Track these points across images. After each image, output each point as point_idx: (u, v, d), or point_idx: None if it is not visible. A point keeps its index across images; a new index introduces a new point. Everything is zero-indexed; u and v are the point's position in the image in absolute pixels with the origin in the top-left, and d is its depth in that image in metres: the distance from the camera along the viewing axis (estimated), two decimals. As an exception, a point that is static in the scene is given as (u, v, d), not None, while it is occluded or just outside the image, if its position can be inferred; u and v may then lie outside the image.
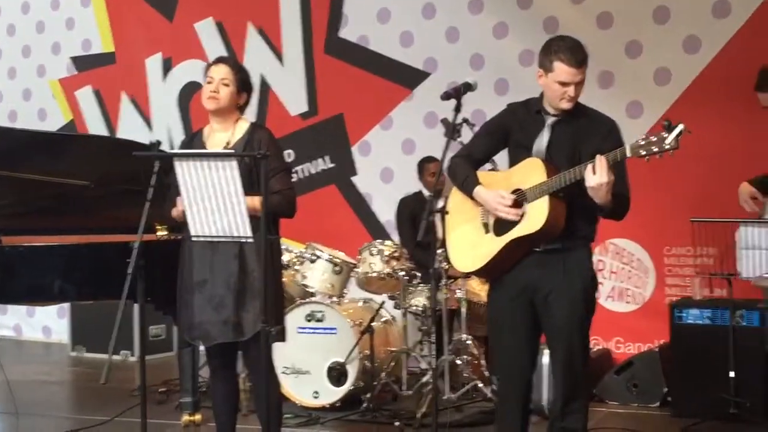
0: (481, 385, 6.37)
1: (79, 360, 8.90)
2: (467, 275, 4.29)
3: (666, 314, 6.46)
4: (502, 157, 4.59)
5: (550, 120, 4.35)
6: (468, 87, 4.34)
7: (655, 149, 4.03)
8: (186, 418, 6.14)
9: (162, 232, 5.82)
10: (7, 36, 10.21)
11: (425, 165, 7.28)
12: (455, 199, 4.54)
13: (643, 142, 4.05)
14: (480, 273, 4.53)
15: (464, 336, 6.72)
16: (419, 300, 6.71)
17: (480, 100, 4.56)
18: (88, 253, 5.89)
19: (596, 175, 4.05)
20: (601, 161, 4.05)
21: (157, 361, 8.20)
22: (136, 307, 6.31)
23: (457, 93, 4.31)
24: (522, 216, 4.26)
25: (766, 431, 5.88)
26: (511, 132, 4.41)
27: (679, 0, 7.16)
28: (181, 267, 4.73)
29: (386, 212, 8.13)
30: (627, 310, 7.44)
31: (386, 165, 8.30)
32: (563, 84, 4.25)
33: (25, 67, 10.12)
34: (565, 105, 4.29)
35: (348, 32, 8.52)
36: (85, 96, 9.83)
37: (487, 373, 6.53)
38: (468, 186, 4.41)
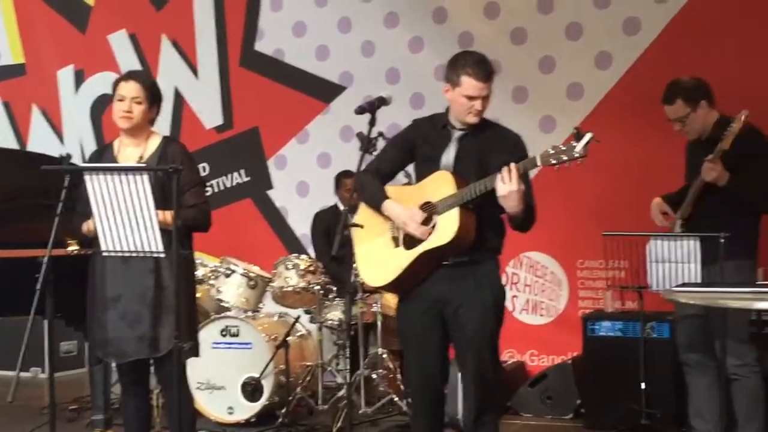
0: (396, 399, 6.38)
1: (-13, 377, 8.69)
2: (377, 290, 4.31)
3: (579, 326, 6.53)
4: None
5: (456, 134, 4.41)
6: (382, 101, 4.36)
7: (565, 157, 4.09)
8: (97, 435, 6.07)
9: (73, 247, 5.74)
10: None
11: (342, 180, 7.28)
12: (363, 214, 4.55)
13: (552, 151, 4.11)
14: (391, 287, 4.53)
15: (380, 350, 6.72)
16: (335, 314, 6.70)
17: (396, 114, 4.59)
18: (-4, 268, 5.78)
19: (507, 184, 4.11)
20: (512, 170, 4.11)
21: (68, 377, 8.05)
22: (45, 323, 6.22)
23: (371, 107, 4.34)
24: (432, 228, 4.29)
25: (676, 441, 5.98)
26: (416, 146, 4.46)
27: (591, 17, 7.26)
28: (91, 282, 4.66)
29: (302, 226, 8.10)
30: (541, 322, 7.51)
31: (302, 179, 8.27)
32: (470, 98, 4.30)
33: (-68, 78, 9.92)
34: (472, 119, 4.35)
35: (263, 45, 8.49)
36: (-5, 108, 9.66)
37: (402, 387, 6.54)
38: (376, 201, 4.43)
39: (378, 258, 4.41)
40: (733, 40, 6.73)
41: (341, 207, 7.18)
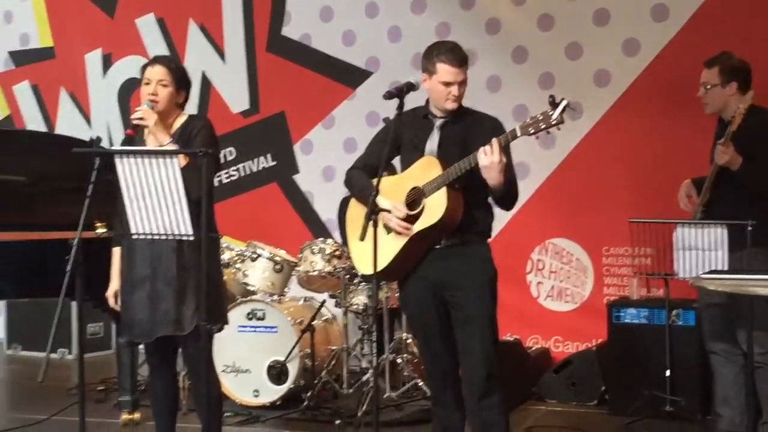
0: (421, 383, 6.39)
1: (15, 358, 8.78)
2: (371, 278, 4.42)
3: (604, 313, 6.53)
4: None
5: (438, 122, 4.53)
6: (411, 86, 4.39)
7: (543, 126, 4.20)
8: (125, 416, 6.12)
9: (102, 230, 5.78)
10: (-57, 29, 10.04)
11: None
12: (354, 209, 4.73)
13: (530, 121, 4.23)
14: (385, 274, 4.59)
15: (404, 335, 6.75)
16: (360, 299, 6.72)
17: (422, 99, 4.59)
18: (26, 250, 5.84)
19: (489, 156, 4.22)
20: (493, 141, 4.23)
21: (95, 359, 8.12)
22: (74, 305, 6.29)
23: (399, 92, 4.37)
24: (421, 211, 4.39)
25: (700, 429, 5.97)
26: (400, 137, 4.54)
27: (619, 3, 7.23)
28: (120, 265, 4.69)
29: (327, 211, 8.12)
30: (566, 309, 7.50)
31: (328, 163, 8.28)
32: (447, 84, 4.43)
33: (-39, 61, 9.98)
34: (450, 105, 4.47)
35: (290, 30, 8.49)
36: (23, 91, 9.70)
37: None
38: (365, 195, 4.50)
39: (370, 247, 4.44)
40: (763, 23, 6.69)
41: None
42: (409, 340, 6.71)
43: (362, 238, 4.33)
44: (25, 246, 5.85)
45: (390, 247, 4.45)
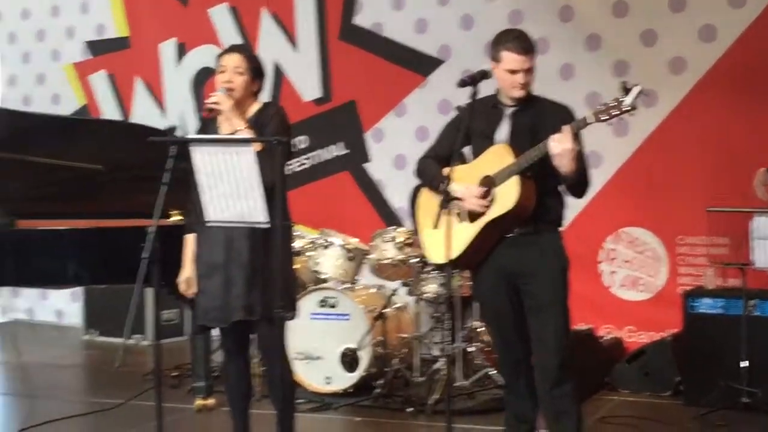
0: (492, 372, 6.38)
1: (92, 343, 8.92)
2: (444, 267, 4.43)
3: (678, 303, 6.45)
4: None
5: (508, 111, 4.51)
6: (484, 74, 4.36)
7: (615, 112, 4.16)
8: (199, 402, 6.20)
9: (176, 218, 5.86)
10: (21, 20, 10.19)
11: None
12: (425, 197, 4.72)
13: (602, 108, 4.19)
14: (458, 263, 4.58)
15: (476, 323, 6.73)
16: (432, 287, 6.70)
17: (494, 89, 4.57)
18: (102, 237, 5.93)
19: (560, 143, 4.19)
20: (564, 129, 4.20)
21: (169, 345, 8.20)
22: (148, 291, 6.37)
23: (473, 80, 4.34)
24: (493, 200, 4.38)
25: (777, 421, 5.89)
26: (471, 126, 4.49)
27: (695, -11, 7.14)
28: (194, 252, 4.74)
29: (399, 199, 8.12)
30: (639, 298, 7.42)
31: (399, 152, 8.28)
32: (512, 72, 4.40)
33: (39, 52, 10.12)
34: (517, 93, 4.44)
35: (362, 19, 8.51)
36: (99, 80, 9.83)
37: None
38: (436, 183, 4.50)
39: (442, 236, 4.43)
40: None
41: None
42: (481, 329, 6.69)
43: (435, 227, 4.32)
44: (101, 234, 5.94)
45: (463, 235, 4.45)
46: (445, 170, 4.40)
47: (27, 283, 6.74)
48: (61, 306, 9.89)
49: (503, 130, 4.49)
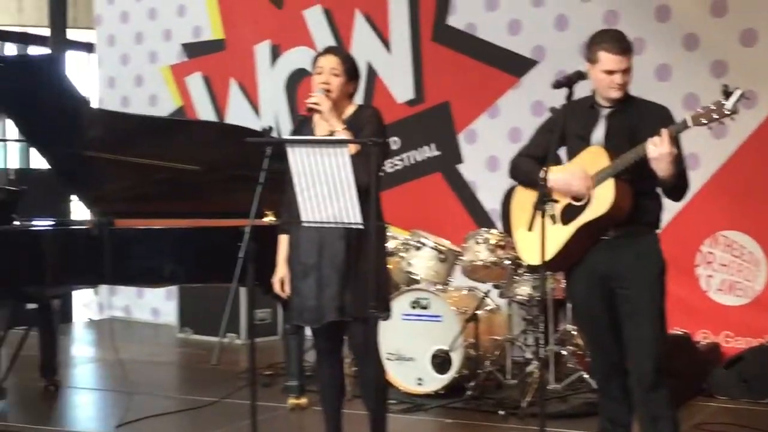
0: (585, 376, 6.31)
1: (186, 341, 9.05)
2: (539, 268, 4.41)
3: (778, 309, 6.33)
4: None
5: (604, 112, 4.44)
6: (580, 75, 4.34)
7: (716, 116, 4.11)
8: (292, 401, 6.25)
9: (270, 218, 5.92)
10: (120, 23, 10.40)
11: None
12: (519, 197, 4.67)
13: (702, 111, 4.14)
14: (552, 265, 4.54)
15: (570, 326, 6.68)
16: (524, 289, 6.66)
17: (590, 90, 4.53)
18: (198, 237, 6.03)
19: (659, 147, 4.13)
20: (663, 132, 4.14)
21: (262, 344, 8.26)
22: (242, 290, 6.44)
23: (568, 81, 4.32)
24: (588, 201, 4.33)
25: None
26: (567, 127, 4.45)
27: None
28: (288, 253, 4.77)
29: (492, 201, 8.09)
30: (737, 303, 7.29)
31: (492, 153, 8.24)
32: (609, 72, 4.34)
33: (137, 54, 10.31)
34: (614, 94, 4.38)
35: (455, 20, 8.49)
36: (195, 82, 9.97)
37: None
38: (532, 176, 4.45)
39: (536, 237, 4.39)
40: None
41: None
42: (575, 332, 6.63)
43: (530, 228, 4.29)
44: (198, 233, 6.03)
45: (557, 237, 4.40)
46: (540, 173, 4.37)
47: (124, 281, 6.87)
48: (157, 304, 10.07)
49: (599, 132, 4.44)
